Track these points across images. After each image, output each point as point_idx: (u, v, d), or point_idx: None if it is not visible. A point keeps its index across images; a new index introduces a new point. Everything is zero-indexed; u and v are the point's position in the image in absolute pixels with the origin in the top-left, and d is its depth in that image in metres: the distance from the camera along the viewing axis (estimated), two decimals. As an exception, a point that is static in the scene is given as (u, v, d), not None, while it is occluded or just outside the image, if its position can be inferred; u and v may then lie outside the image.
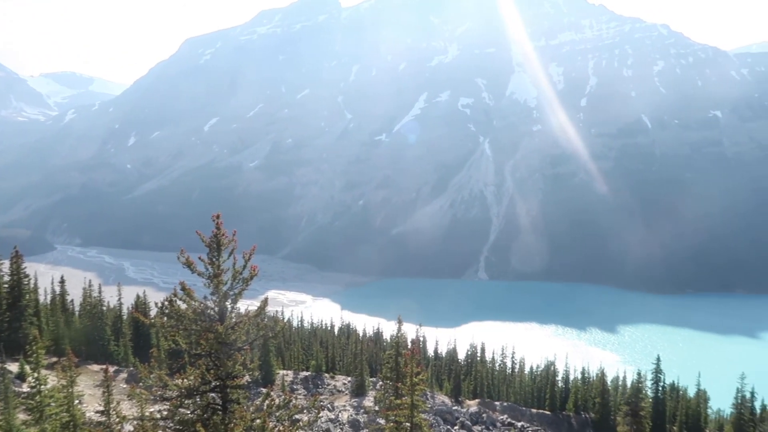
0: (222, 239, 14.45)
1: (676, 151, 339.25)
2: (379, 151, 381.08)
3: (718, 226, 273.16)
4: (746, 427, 61.93)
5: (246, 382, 15.10)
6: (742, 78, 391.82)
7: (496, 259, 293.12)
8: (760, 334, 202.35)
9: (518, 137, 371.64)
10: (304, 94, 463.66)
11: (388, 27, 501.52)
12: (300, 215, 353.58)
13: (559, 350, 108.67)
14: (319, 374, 65.39)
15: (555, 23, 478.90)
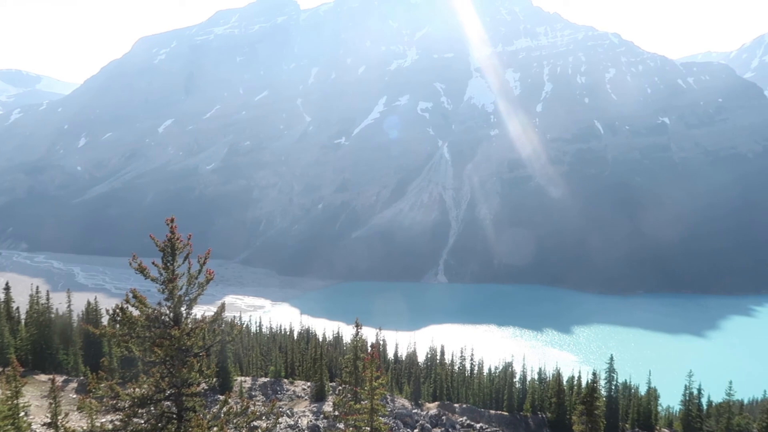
0: (176, 243, 14.08)
1: (627, 155, 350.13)
2: (338, 154, 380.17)
3: (666, 228, 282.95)
4: (694, 423, 64.27)
5: (202, 389, 14.72)
6: (689, 86, 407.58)
7: (455, 262, 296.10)
8: (706, 333, 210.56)
9: (476, 141, 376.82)
10: (263, 96, 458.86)
11: (348, 30, 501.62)
12: (258, 219, 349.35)
13: (517, 352, 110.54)
14: (278, 380, 64.60)
15: (511, 30, 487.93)
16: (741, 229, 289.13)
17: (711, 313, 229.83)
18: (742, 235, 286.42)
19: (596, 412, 34.76)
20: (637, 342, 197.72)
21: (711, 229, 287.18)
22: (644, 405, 66.53)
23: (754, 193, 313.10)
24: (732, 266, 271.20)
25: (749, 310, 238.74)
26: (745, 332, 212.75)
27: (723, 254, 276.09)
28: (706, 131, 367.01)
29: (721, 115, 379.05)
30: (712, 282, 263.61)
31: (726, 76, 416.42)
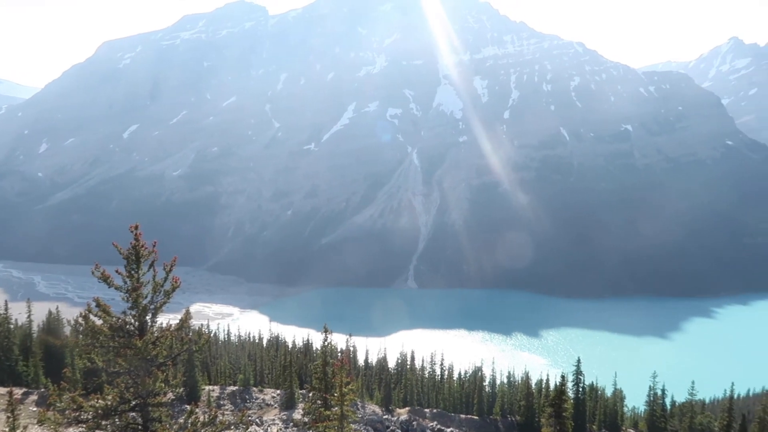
0: (141, 251, 13.83)
1: (592, 162, 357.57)
2: (307, 160, 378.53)
3: (631, 233, 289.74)
4: (658, 423, 65.71)
5: (169, 399, 14.45)
6: (650, 94, 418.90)
7: (426, 268, 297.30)
8: (669, 335, 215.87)
9: (445, 148, 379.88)
10: (231, 101, 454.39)
11: (317, 36, 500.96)
12: (226, 225, 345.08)
13: (487, 356, 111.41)
14: (247, 388, 63.78)
15: (479, 38, 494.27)
16: (701, 233, 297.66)
17: (674, 315, 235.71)
18: (702, 239, 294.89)
19: (564, 414, 35.26)
20: (604, 344, 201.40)
21: (673, 234, 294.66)
22: (610, 406, 67.73)
23: (713, 198, 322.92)
24: (694, 269, 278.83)
25: (710, 312, 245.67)
26: (706, 333, 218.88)
27: (685, 258, 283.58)
28: (667, 138, 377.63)
29: (681, 123, 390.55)
30: (675, 285, 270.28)
31: (685, 85, 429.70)
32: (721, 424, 63.17)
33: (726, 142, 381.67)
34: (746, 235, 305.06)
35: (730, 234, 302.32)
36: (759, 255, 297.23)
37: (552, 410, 34.92)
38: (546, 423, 35.24)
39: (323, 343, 35.78)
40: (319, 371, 33.16)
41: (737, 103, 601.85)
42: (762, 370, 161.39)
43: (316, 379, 32.85)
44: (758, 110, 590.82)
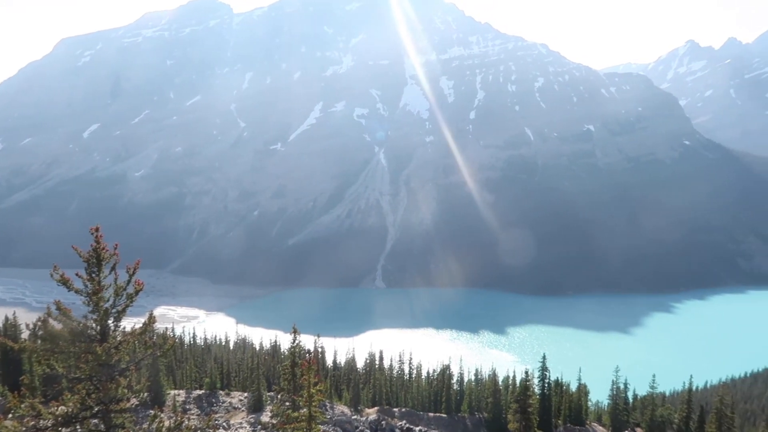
0: (102, 253, 13.52)
1: (556, 161, 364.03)
2: (274, 160, 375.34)
3: (592, 231, 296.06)
4: (621, 416, 67.32)
5: (132, 405, 14.18)
6: (611, 95, 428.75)
7: (393, 268, 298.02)
8: (631, 330, 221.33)
9: (412, 148, 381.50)
10: (195, 100, 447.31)
11: (283, 35, 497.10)
12: (191, 226, 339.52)
13: (455, 354, 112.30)
14: (213, 392, 62.88)
15: (445, 39, 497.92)
16: (660, 231, 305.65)
17: (636, 311, 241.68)
18: (660, 236, 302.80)
19: (529, 409, 35.87)
20: (569, 340, 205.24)
21: (633, 232, 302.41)
22: (575, 401, 69.02)
23: (671, 197, 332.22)
24: (653, 266, 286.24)
25: (669, 307, 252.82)
26: (666, 328, 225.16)
27: (645, 255, 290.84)
28: (628, 138, 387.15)
29: (641, 123, 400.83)
30: (636, 282, 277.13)
31: (645, 87, 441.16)
32: (680, 415, 65.15)
33: (684, 142, 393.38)
34: (702, 232, 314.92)
35: (687, 231, 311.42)
36: (714, 251, 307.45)
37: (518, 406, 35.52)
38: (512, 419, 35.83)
39: (292, 344, 35.54)
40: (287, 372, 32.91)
41: (694, 104, 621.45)
42: (718, 362, 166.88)
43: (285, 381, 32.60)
44: (714, 111, 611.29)
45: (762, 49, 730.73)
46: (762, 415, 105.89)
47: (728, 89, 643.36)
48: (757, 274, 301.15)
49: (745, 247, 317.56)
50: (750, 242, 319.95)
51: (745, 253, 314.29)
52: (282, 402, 29.65)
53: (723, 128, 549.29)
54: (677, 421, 65.60)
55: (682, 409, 65.16)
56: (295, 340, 34.56)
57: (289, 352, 35.60)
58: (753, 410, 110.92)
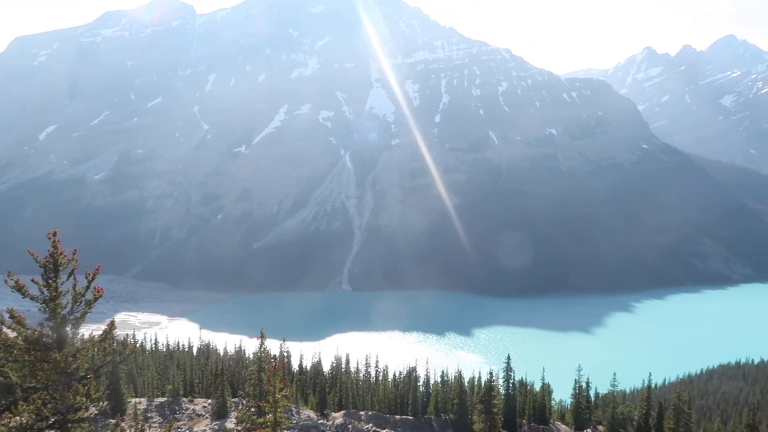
0: (59, 259, 13.14)
1: (519, 165, 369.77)
2: (238, 163, 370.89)
3: (555, 233, 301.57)
4: (583, 414, 68.71)
5: (91, 414, 13.80)
6: (572, 100, 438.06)
7: (360, 271, 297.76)
8: (592, 330, 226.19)
9: (378, 151, 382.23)
10: (156, 102, 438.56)
11: (247, 37, 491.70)
12: (153, 231, 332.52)
13: (421, 356, 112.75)
14: (176, 399, 61.70)
15: (410, 42, 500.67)
16: (619, 233, 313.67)
17: (596, 311, 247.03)
18: (620, 238, 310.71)
19: (494, 410, 36.27)
20: (533, 341, 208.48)
21: (596, 234, 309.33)
22: (539, 400, 70.11)
23: (630, 199, 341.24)
24: (613, 267, 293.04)
25: (629, 307, 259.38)
26: (626, 327, 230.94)
27: (604, 256, 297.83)
28: (589, 142, 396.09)
29: (601, 128, 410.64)
30: (596, 282, 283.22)
31: (605, 92, 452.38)
32: (640, 412, 66.88)
33: (642, 146, 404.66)
34: (659, 234, 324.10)
35: (646, 233, 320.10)
36: (670, 252, 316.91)
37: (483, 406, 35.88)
38: (477, 419, 36.15)
39: (259, 349, 35.17)
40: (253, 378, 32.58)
41: (651, 109, 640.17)
42: (676, 360, 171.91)
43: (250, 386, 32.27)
44: (670, 116, 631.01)
45: (715, 56, 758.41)
46: (717, 411, 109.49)
47: (684, 95, 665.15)
48: (711, 274, 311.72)
49: (701, 248, 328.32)
50: (705, 244, 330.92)
51: (700, 255, 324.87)
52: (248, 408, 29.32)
53: (679, 133, 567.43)
54: (637, 418, 67.29)
55: (642, 406, 66.91)
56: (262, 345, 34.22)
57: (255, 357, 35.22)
58: (709, 406, 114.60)
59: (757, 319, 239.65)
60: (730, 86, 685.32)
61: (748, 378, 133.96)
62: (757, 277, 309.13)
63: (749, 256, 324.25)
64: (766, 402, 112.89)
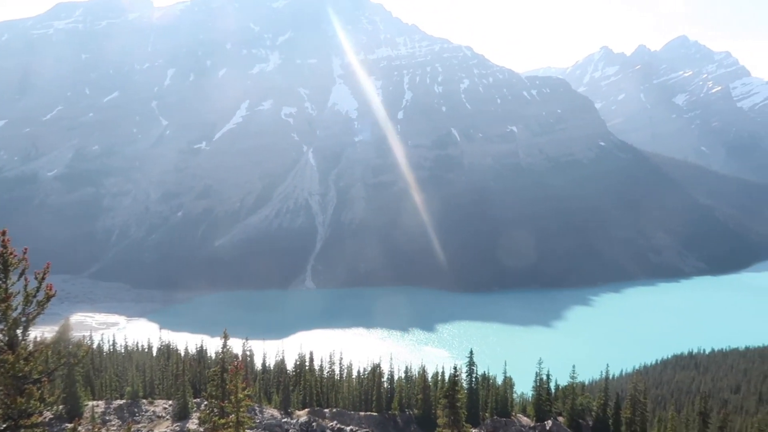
0: (9, 258, 12.66)
1: (481, 161, 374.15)
2: (198, 159, 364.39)
3: (517, 229, 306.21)
4: (544, 406, 70.06)
5: (45, 418, 13.36)
6: (532, 98, 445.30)
7: (323, 268, 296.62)
8: (552, 323, 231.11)
9: (341, 147, 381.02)
10: (113, 97, 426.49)
11: (207, 31, 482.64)
12: (110, 229, 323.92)
13: (385, 352, 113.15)
14: (135, 401, 60.30)
15: (372, 39, 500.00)
16: (578, 228, 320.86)
17: (557, 305, 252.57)
18: (579, 233, 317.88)
19: (458, 404, 36.65)
20: (495, 335, 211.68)
21: (556, 229, 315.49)
22: (501, 394, 71.17)
23: (588, 195, 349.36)
24: (573, 261, 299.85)
25: (588, 300, 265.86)
26: (585, 320, 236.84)
27: (564, 250, 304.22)
28: (548, 139, 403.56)
29: (560, 125, 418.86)
30: (556, 276, 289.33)
31: (563, 90, 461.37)
32: (598, 403, 68.71)
33: (599, 143, 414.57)
34: (617, 228, 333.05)
35: (603, 227, 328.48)
36: (627, 246, 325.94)
37: (446, 401, 36.23)
38: (441, 414, 36.50)
39: (222, 349, 34.65)
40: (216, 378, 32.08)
41: (608, 107, 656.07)
42: (632, 351, 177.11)
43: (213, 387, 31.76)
44: (626, 114, 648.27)
45: (669, 56, 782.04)
46: (671, 399, 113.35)
47: (639, 93, 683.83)
48: (665, 267, 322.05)
49: (655, 242, 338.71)
50: (659, 238, 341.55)
51: (654, 248, 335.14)
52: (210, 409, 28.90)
53: (635, 130, 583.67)
54: (596, 408, 69.09)
55: (600, 396, 68.74)
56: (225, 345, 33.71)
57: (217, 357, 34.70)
58: (663, 395, 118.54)
59: (709, 310, 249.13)
60: (683, 85, 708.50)
61: (700, 367, 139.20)
62: (709, 270, 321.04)
63: (701, 250, 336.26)
64: (717, 390, 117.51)
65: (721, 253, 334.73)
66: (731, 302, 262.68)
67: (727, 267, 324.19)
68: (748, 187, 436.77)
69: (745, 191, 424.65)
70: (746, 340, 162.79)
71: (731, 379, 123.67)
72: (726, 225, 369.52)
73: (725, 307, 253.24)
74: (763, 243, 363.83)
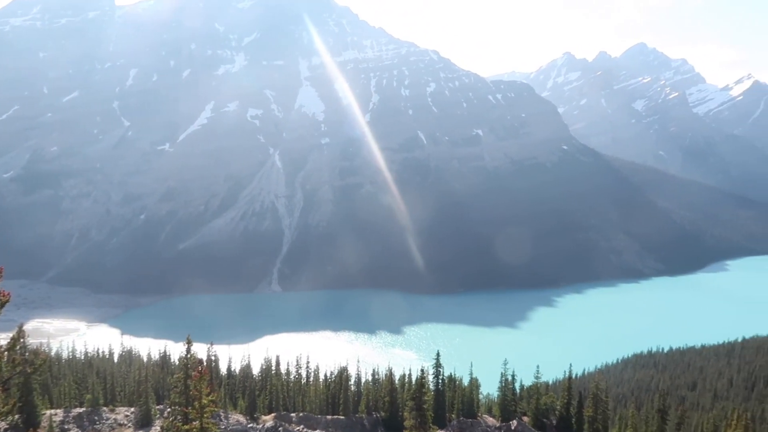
0: (-37, 264, 12.29)
1: (447, 164, 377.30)
2: (162, 161, 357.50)
3: (482, 231, 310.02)
4: (509, 406, 70.99)
5: (1, 429, 13.00)
6: (497, 102, 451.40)
7: (290, 271, 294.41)
8: (517, 324, 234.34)
9: (308, 150, 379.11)
10: (72, 97, 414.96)
11: (170, 31, 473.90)
12: (69, 232, 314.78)
13: (352, 355, 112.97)
14: (96, 409, 58.85)
15: (339, 41, 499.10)
16: (542, 230, 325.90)
17: (522, 306, 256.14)
18: (543, 235, 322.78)
19: (424, 406, 36.94)
20: (461, 336, 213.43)
21: (520, 231, 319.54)
22: (467, 395, 71.85)
23: (553, 199, 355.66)
24: (537, 263, 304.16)
25: (552, 301, 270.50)
26: (549, 321, 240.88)
27: (528, 252, 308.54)
28: (513, 143, 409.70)
29: (524, 129, 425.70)
30: (521, 277, 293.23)
31: (527, 95, 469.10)
32: (562, 402, 70.06)
33: (562, 147, 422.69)
34: (579, 230, 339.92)
35: (566, 229, 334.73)
36: (589, 248, 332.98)
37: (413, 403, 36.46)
38: (408, 416, 36.71)
39: (185, 355, 34.17)
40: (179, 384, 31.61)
41: (571, 111, 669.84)
42: (595, 350, 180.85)
43: (176, 393, 31.29)
44: (588, 118, 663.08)
45: (628, 62, 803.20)
46: (632, 398, 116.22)
47: (600, 99, 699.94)
48: (626, 268, 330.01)
49: (616, 243, 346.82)
50: (620, 239, 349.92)
51: (615, 250, 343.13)
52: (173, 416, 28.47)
53: (596, 135, 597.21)
54: (559, 407, 70.44)
55: (563, 396, 70.09)
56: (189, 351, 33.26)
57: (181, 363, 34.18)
58: (624, 393, 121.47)
59: (667, 310, 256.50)
60: (642, 91, 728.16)
61: (659, 366, 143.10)
62: (667, 270, 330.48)
63: (659, 252, 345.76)
64: (675, 387, 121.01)
65: (678, 254, 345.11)
66: (688, 302, 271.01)
67: (683, 268, 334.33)
68: (703, 191, 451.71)
69: (700, 195, 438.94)
70: (702, 339, 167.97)
71: (688, 376, 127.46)
72: (683, 227, 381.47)
73: (682, 307, 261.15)
74: (717, 245, 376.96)
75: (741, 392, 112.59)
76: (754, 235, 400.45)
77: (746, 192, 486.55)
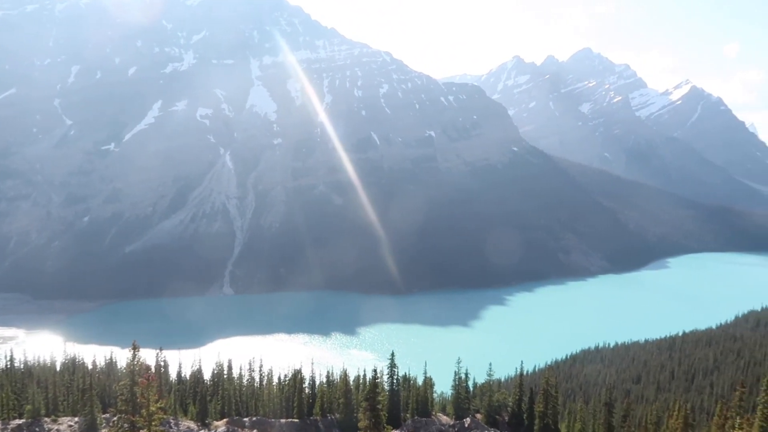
0: None
1: (401, 165, 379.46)
2: (106, 161, 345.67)
3: (435, 231, 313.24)
4: (463, 404, 71.92)
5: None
6: (449, 104, 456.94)
7: (242, 273, 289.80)
8: (470, 323, 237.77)
9: (260, 150, 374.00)
10: (10, 93, 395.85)
11: (114, 27, 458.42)
12: (7, 235, 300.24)
13: (306, 357, 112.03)
14: (37, 420, 56.35)
15: (292, 41, 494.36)
16: (494, 230, 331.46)
17: (474, 306, 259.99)
18: (494, 235, 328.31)
19: (378, 406, 36.91)
20: (416, 336, 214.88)
21: (472, 231, 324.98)
22: (422, 394, 72.29)
23: (504, 199, 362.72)
24: (488, 262, 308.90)
25: (503, 300, 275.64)
26: (500, 319, 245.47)
27: (480, 252, 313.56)
28: (465, 144, 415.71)
29: (476, 130, 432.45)
30: (473, 277, 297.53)
31: (479, 97, 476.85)
32: (513, 399, 71.46)
33: (512, 148, 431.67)
34: (528, 230, 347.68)
35: (516, 229, 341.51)
36: (538, 247, 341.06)
37: (367, 404, 36.41)
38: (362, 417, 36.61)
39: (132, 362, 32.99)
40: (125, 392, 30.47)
41: (520, 114, 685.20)
42: (545, 347, 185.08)
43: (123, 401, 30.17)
44: (536, 121, 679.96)
45: (575, 66, 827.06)
46: (580, 392, 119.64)
47: (548, 102, 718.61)
48: (574, 267, 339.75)
49: (564, 243, 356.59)
50: (568, 239, 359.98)
51: (564, 249, 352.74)
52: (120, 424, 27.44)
53: (545, 137, 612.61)
54: (511, 403, 71.81)
55: (515, 392, 71.50)
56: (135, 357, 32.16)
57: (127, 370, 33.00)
58: (573, 388, 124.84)
59: (613, 307, 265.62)
60: (588, 95, 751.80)
61: (606, 360, 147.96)
62: (612, 268, 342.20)
63: (605, 250, 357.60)
64: (620, 381, 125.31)
65: (622, 252, 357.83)
66: (632, 298, 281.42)
67: (628, 266, 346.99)
68: (645, 191, 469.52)
69: (643, 195, 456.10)
70: (645, 333, 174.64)
71: (633, 370, 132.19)
72: (626, 226, 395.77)
73: (627, 303, 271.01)
74: (659, 243, 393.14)
75: (682, 384, 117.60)
76: (692, 234, 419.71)
77: (685, 192, 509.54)
